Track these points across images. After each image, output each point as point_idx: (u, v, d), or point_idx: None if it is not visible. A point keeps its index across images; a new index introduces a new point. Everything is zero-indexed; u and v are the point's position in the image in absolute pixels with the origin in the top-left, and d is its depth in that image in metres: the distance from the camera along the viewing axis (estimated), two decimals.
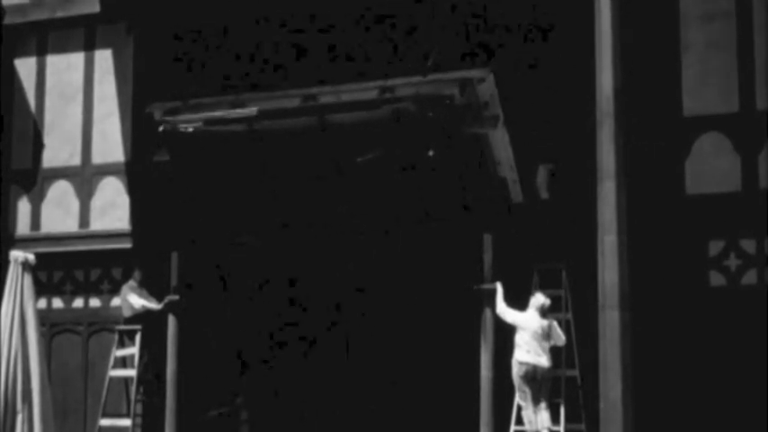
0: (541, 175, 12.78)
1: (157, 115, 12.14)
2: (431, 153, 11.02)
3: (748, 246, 11.33)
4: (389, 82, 11.26)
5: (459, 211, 11.82)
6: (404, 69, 11.67)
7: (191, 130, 11.91)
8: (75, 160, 14.66)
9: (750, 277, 11.31)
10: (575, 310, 11.82)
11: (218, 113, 11.78)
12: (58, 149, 14.76)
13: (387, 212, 12.84)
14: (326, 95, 11.53)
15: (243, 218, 13.23)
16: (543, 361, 11.26)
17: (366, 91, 11.38)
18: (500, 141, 11.48)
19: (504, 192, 12.07)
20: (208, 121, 11.86)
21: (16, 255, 10.20)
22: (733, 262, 11.38)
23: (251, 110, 11.65)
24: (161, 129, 12.02)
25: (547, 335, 11.33)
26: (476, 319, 11.65)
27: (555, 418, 11.33)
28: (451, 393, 12.69)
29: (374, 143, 11.24)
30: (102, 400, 13.48)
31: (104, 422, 13.43)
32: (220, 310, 13.97)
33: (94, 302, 14.38)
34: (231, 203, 12.96)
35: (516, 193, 12.30)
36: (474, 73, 11.15)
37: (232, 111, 11.72)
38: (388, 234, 13.06)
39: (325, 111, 11.38)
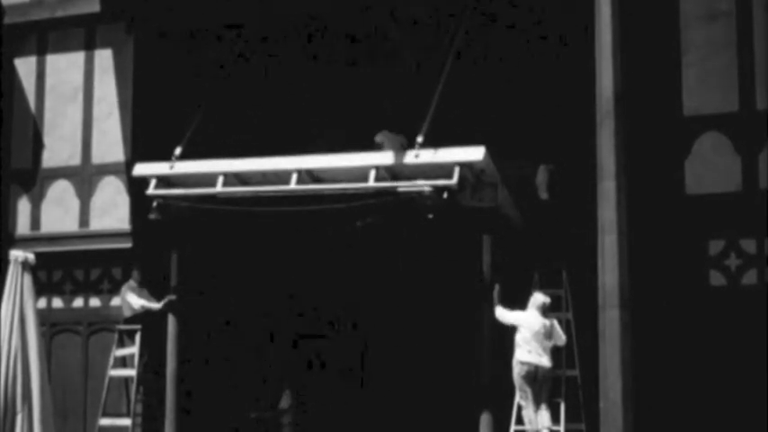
0: (541, 175, 12.79)
1: (149, 187, 12.43)
2: (430, 216, 11.19)
3: (748, 245, 11.32)
4: (383, 161, 11.44)
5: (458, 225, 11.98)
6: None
7: (184, 205, 12.21)
8: (75, 160, 14.64)
9: (750, 277, 11.29)
10: (575, 310, 11.82)
11: (209, 190, 12.06)
12: (58, 149, 14.73)
13: (386, 243, 12.95)
14: (321, 172, 11.72)
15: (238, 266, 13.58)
16: (544, 361, 11.26)
17: (360, 169, 11.55)
18: (500, 194, 11.63)
19: (506, 225, 12.18)
20: (200, 199, 12.12)
21: (16, 254, 10.20)
22: (733, 262, 11.37)
23: (243, 190, 11.99)
24: (154, 204, 12.33)
25: (549, 334, 11.32)
26: (476, 318, 11.66)
27: (555, 418, 11.33)
28: (452, 393, 12.69)
29: (372, 211, 11.35)
30: (102, 399, 13.47)
31: (104, 422, 13.41)
32: (224, 311, 14.02)
33: (94, 302, 14.36)
34: (227, 257, 13.39)
35: (519, 224, 12.37)
36: (468, 153, 11.26)
37: (224, 190, 11.99)
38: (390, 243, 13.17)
39: (317, 200, 11.57)
